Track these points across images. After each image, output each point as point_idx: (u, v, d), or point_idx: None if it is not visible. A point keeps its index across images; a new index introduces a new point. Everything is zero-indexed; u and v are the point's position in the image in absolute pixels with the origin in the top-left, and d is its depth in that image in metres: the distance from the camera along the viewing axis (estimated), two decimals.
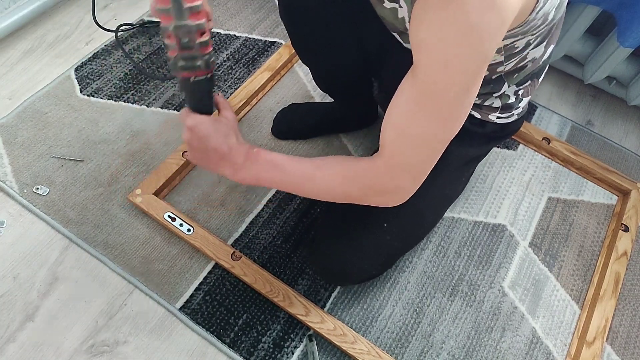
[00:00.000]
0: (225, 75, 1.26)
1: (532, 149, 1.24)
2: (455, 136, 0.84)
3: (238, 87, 1.21)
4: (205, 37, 0.70)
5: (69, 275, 0.95)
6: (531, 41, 0.69)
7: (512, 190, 1.16)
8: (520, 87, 0.81)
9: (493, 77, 0.77)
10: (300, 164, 0.72)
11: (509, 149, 1.23)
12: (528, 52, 0.72)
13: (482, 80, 0.58)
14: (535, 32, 0.66)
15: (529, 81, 0.81)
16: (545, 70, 0.84)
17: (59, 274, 0.95)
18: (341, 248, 0.82)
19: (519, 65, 0.75)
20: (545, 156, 1.23)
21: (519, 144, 1.24)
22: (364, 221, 0.83)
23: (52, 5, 1.30)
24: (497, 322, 0.99)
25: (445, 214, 1.10)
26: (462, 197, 1.13)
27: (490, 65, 0.73)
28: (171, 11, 0.67)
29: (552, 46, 0.76)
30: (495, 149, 1.22)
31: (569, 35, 1.22)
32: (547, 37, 0.71)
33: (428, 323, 0.98)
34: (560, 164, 1.22)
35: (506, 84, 0.79)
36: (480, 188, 1.15)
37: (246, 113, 1.20)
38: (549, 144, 1.21)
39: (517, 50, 0.70)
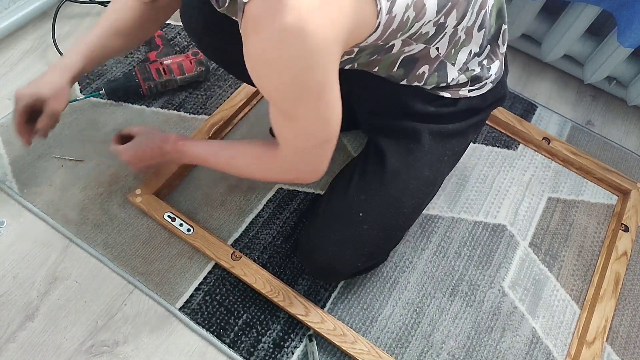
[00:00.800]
0: (225, 75, 1.25)
1: (532, 148, 1.24)
2: (423, 118, 0.85)
3: (238, 87, 1.21)
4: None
5: (69, 275, 0.95)
6: (441, 20, 0.68)
7: (512, 190, 1.16)
8: (481, 56, 0.80)
9: (435, 65, 0.77)
10: (217, 158, 0.84)
11: (509, 148, 1.23)
12: (455, 29, 0.71)
13: (336, 92, 0.63)
14: (425, 20, 0.65)
15: (488, 46, 0.80)
16: (503, 31, 0.81)
17: (59, 274, 0.95)
18: (322, 242, 0.83)
19: (453, 41, 0.74)
20: (545, 156, 1.23)
21: (519, 144, 1.24)
22: (340, 214, 0.84)
23: (52, 5, 1.29)
24: (497, 322, 0.99)
25: (445, 214, 1.10)
26: (462, 197, 1.13)
27: (415, 53, 0.73)
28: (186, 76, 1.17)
29: (483, 11, 0.74)
30: (495, 148, 1.22)
31: (568, 35, 1.22)
32: (467, 9, 0.70)
33: (428, 323, 0.98)
34: (560, 164, 1.22)
35: (449, 64, 0.78)
36: (480, 188, 1.15)
37: (246, 113, 1.20)
38: (549, 143, 1.21)
39: (431, 34, 0.69)
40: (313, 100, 0.62)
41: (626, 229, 1.11)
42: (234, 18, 0.68)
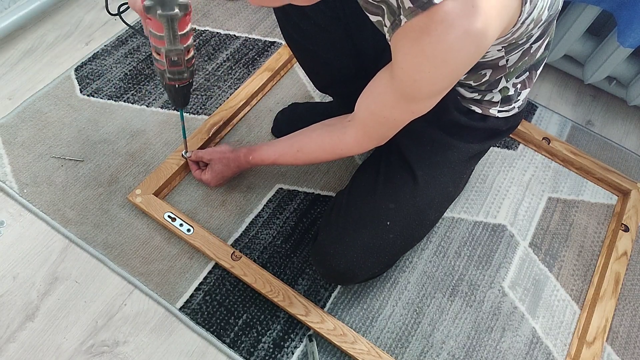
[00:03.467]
0: (225, 75, 1.26)
1: (532, 149, 1.24)
2: (458, 134, 0.87)
3: (238, 87, 1.21)
4: (191, 54, 0.81)
5: (69, 275, 0.95)
6: (533, 32, 0.69)
7: (512, 190, 1.16)
8: (518, 79, 0.81)
9: (497, 73, 0.77)
10: (284, 156, 0.92)
11: (509, 149, 1.23)
12: (531, 45, 0.73)
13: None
14: (532, 28, 0.67)
15: (527, 73, 0.81)
16: (544, 63, 0.84)
17: (59, 274, 0.95)
18: (346, 248, 0.82)
19: (523, 59, 0.75)
20: (545, 156, 1.23)
21: (519, 144, 1.24)
22: (367, 221, 0.83)
23: (52, 5, 1.30)
24: (497, 322, 0.99)
25: (446, 214, 1.10)
26: (462, 197, 1.13)
27: (490, 60, 0.74)
28: (165, 37, 0.75)
29: (548, 38, 0.76)
30: (495, 148, 1.22)
31: (569, 35, 1.22)
32: (546, 31, 0.72)
33: (428, 323, 0.98)
34: (560, 164, 1.22)
35: (504, 78, 0.79)
36: (480, 188, 1.15)
37: (246, 113, 1.20)
38: (549, 143, 1.21)
39: (521, 42, 0.70)
40: (445, 91, 0.68)
41: (626, 229, 1.11)
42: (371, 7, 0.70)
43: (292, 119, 1.16)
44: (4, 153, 1.07)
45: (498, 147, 1.22)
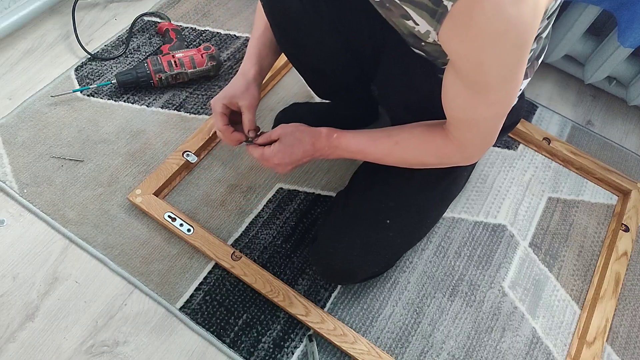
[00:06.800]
0: (225, 75, 1.26)
1: (532, 149, 1.24)
2: None
3: None
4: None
5: (69, 275, 0.95)
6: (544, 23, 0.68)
7: (512, 190, 1.16)
8: None
9: None
10: (378, 146, 0.79)
11: (509, 149, 1.23)
12: (539, 37, 0.71)
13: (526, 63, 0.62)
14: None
15: (529, 63, 0.81)
16: (545, 52, 0.82)
17: (59, 274, 0.95)
18: (345, 246, 0.82)
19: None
20: (546, 156, 1.23)
21: (519, 144, 1.24)
22: (367, 219, 0.83)
23: (52, 5, 1.30)
24: (497, 322, 0.99)
25: (446, 214, 1.10)
26: (463, 197, 1.13)
27: None
28: (195, 69, 1.20)
29: (549, 27, 0.75)
30: (495, 148, 1.22)
31: (569, 35, 1.22)
32: (551, 21, 0.71)
33: (428, 323, 0.98)
34: (561, 164, 1.22)
35: None
36: (480, 188, 1.15)
37: None
38: (549, 144, 1.21)
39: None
40: (519, 70, 0.61)
41: (626, 229, 1.11)
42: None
43: (293, 119, 1.15)
44: (4, 153, 1.07)
45: (498, 147, 1.22)
